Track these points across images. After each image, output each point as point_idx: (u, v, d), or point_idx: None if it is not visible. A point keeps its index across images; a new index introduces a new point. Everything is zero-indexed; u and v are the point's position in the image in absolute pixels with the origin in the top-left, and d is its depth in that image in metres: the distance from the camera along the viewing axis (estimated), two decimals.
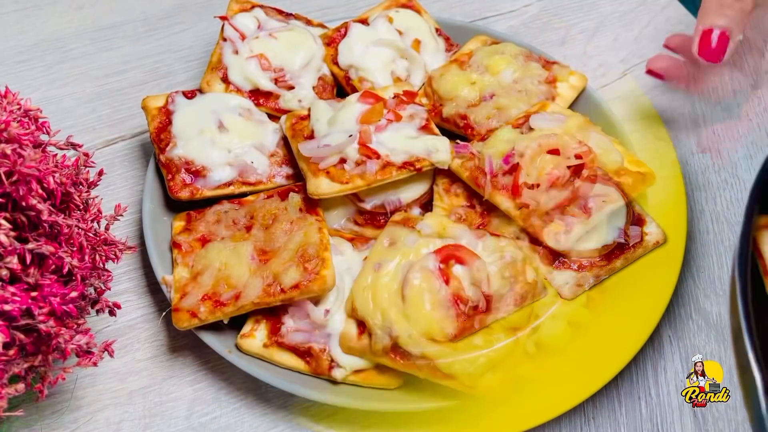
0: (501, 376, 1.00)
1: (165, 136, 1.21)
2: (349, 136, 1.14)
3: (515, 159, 1.11)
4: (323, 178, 1.13)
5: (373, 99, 1.19)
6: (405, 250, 1.07)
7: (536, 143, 1.10)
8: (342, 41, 1.34)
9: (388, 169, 1.13)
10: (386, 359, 1.02)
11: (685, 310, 1.17)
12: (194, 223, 1.16)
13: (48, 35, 1.49)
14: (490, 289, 1.02)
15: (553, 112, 1.20)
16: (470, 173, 1.14)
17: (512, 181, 1.10)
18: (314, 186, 1.12)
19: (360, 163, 1.13)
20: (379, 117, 1.17)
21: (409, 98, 1.23)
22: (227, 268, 1.09)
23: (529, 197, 1.09)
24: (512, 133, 1.16)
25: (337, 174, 1.13)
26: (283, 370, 1.07)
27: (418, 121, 1.19)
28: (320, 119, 1.19)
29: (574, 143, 1.11)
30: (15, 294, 0.85)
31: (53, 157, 0.93)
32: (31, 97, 0.96)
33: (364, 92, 1.22)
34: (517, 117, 1.21)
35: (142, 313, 1.18)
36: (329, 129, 1.17)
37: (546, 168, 1.09)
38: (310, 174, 1.14)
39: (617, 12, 1.55)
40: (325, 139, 1.16)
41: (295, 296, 1.05)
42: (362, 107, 1.18)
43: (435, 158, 1.15)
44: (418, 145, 1.15)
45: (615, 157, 1.14)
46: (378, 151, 1.13)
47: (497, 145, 1.14)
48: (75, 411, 1.09)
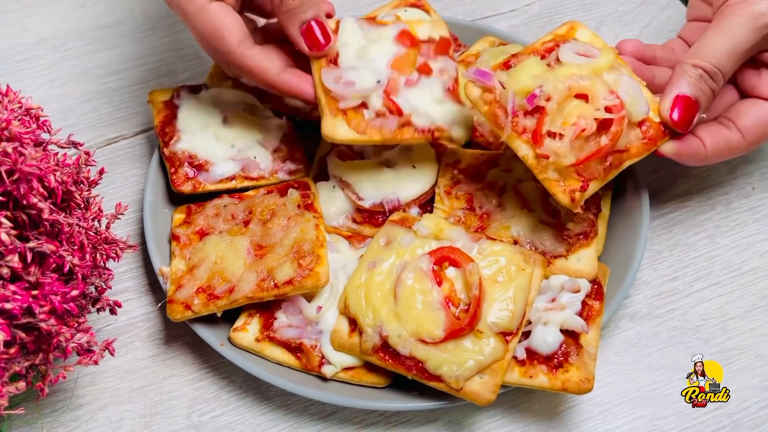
0: (489, 380, 1.00)
1: (170, 129, 1.22)
2: (377, 81, 1.09)
3: (540, 101, 1.02)
4: (341, 121, 1.09)
5: (410, 42, 1.14)
6: (400, 250, 1.07)
7: (565, 85, 1.01)
8: None
9: (407, 129, 1.10)
10: (375, 358, 1.03)
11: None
12: (194, 216, 1.17)
13: (49, 34, 1.49)
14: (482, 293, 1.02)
15: (585, 41, 1.11)
16: (489, 108, 1.05)
17: (534, 126, 1.02)
18: (331, 128, 1.09)
19: (381, 114, 1.09)
20: (412, 67, 1.11)
21: (443, 49, 1.17)
22: (223, 262, 1.10)
23: (550, 148, 1.01)
24: (539, 66, 1.05)
25: (356, 120, 1.09)
26: (275, 364, 1.07)
27: (446, 79, 1.14)
28: (349, 44, 1.13)
29: (605, 92, 1.02)
30: (16, 292, 0.85)
31: (54, 156, 0.93)
32: (32, 96, 0.96)
33: (401, 32, 1.15)
34: (544, 42, 1.10)
35: (142, 311, 1.18)
36: (357, 61, 1.12)
37: (572, 116, 1.01)
38: (327, 111, 1.09)
39: (618, 11, 1.55)
40: (351, 73, 1.10)
41: (288, 292, 1.06)
42: (397, 49, 1.13)
43: (454, 132, 1.12)
44: (441, 112, 1.11)
45: (641, 107, 1.05)
46: (402, 108, 1.09)
47: (522, 79, 1.04)
48: (75, 409, 1.10)
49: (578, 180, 1.02)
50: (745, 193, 1.30)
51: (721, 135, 1.10)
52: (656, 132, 1.07)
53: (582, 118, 1.01)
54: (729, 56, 1.05)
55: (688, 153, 1.08)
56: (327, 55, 1.12)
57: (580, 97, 1.02)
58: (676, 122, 1.05)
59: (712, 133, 1.10)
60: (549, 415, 1.10)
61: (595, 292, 1.09)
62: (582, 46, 1.08)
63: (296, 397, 1.11)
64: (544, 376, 1.03)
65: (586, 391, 1.02)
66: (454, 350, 1.00)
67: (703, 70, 1.05)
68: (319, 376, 1.07)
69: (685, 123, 1.05)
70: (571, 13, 1.54)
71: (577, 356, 1.04)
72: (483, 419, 1.10)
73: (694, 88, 1.05)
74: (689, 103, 1.04)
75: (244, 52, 1.08)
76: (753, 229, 1.27)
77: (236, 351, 1.07)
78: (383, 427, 1.09)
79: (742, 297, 1.20)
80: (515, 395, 1.11)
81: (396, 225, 1.11)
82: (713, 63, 1.05)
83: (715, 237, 1.26)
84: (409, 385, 1.05)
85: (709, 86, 1.05)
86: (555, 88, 1.02)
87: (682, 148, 1.08)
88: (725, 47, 1.05)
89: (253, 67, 1.09)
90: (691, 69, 1.05)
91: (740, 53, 1.06)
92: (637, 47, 1.16)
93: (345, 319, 1.06)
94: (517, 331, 1.03)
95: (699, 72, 1.05)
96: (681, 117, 1.04)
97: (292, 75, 1.11)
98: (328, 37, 1.10)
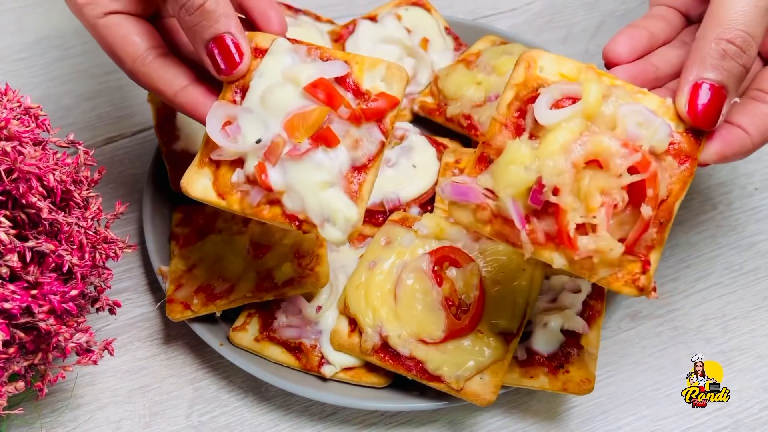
0: (490, 380, 1.00)
1: (169, 128, 1.22)
2: (257, 141, 0.86)
3: (547, 195, 0.79)
4: (206, 174, 0.90)
5: (325, 97, 0.87)
6: (400, 250, 1.06)
7: (567, 163, 0.79)
8: (349, 38, 1.34)
9: (273, 208, 0.88)
10: (375, 358, 1.02)
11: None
12: (193, 216, 1.17)
13: (48, 33, 1.48)
14: (482, 293, 1.02)
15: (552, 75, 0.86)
16: (492, 228, 0.83)
17: (556, 228, 0.80)
18: (189, 179, 0.90)
19: (251, 180, 0.87)
20: (309, 130, 0.86)
21: (374, 114, 0.88)
22: (222, 262, 1.09)
23: (588, 248, 0.80)
24: (521, 148, 0.81)
25: (222, 177, 0.89)
26: (274, 364, 1.07)
27: (358, 155, 0.87)
28: (264, 76, 0.89)
29: (617, 146, 0.79)
30: (15, 292, 0.85)
31: (53, 155, 0.93)
32: (31, 95, 0.96)
33: (317, 82, 0.86)
34: (509, 104, 0.86)
35: (142, 311, 1.18)
36: (258, 105, 0.88)
37: (594, 198, 0.79)
38: (197, 157, 0.91)
39: (619, 10, 1.55)
40: (244, 118, 0.88)
41: (287, 292, 1.05)
42: (301, 103, 0.87)
43: (325, 231, 0.86)
44: (321, 202, 0.86)
45: (662, 132, 0.81)
46: (272, 184, 0.86)
47: (512, 179, 0.80)
48: (75, 409, 1.09)
49: (635, 260, 0.82)
50: (746, 193, 1.30)
51: (762, 113, 0.88)
52: (688, 143, 0.84)
53: (607, 194, 0.79)
54: (756, 16, 0.82)
55: (733, 150, 0.86)
56: (236, 80, 0.90)
57: (591, 163, 0.80)
58: (698, 119, 0.82)
59: (751, 113, 0.88)
60: (550, 415, 1.10)
61: (595, 292, 1.09)
62: (556, 90, 0.83)
63: (296, 398, 1.10)
64: (545, 376, 1.02)
65: (587, 391, 1.02)
66: (454, 350, 1.00)
67: (728, 42, 0.82)
68: (319, 377, 1.06)
69: (711, 119, 0.82)
70: (572, 12, 1.54)
71: (578, 357, 1.04)
72: (483, 420, 1.09)
73: (718, 71, 0.82)
74: (713, 91, 0.82)
75: (139, 69, 0.93)
76: (755, 229, 1.26)
77: (236, 351, 1.07)
78: (383, 428, 1.09)
79: (744, 297, 1.20)
80: (516, 396, 1.11)
81: (396, 224, 1.11)
82: (741, 28, 0.82)
83: (717, 237, 1.26)
84: (409, 386, 1.05)
85: (739, 63, 0.82)
86: (558, 175, 0.79)
87: (726, 146, 0.86)
88: (747, 7, 0.82)
89: (148, 85, 0.94)
90: (712, 45, 0.82)
91: (764, 10, 0.83)
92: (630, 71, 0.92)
93: (345, 319, 1.06)
94: (517, 331, 1.02)
95: (723, 47, 0.82)
96: (704, 111, 0.82)
97: (192, 95, 0.92)
98: (237, 57, 0.88)
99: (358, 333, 1.03)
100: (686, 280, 1.21)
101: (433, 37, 1.36)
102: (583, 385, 1.01)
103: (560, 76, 0.86)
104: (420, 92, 1.32)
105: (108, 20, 0.94)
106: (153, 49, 0.94)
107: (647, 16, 1.00)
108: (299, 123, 0.86)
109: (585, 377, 1.02)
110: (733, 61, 0.82)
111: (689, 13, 1.01)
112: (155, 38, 0.96)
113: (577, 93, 0.83)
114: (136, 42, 0.94)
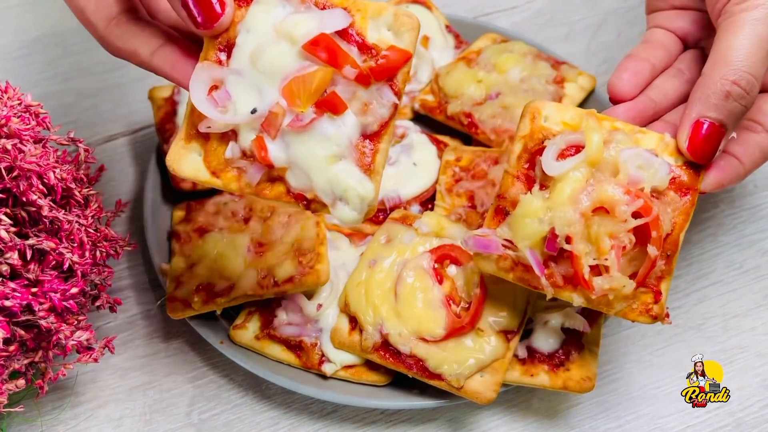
0: (490, 379, 1.00)
1: (170, 126, 1.22)
2: (252, 111, 0.76)
3: (561, 243, 0.87)
4: (195, 149, 0.80)
5: (327, 55, 0.75)
6: (401, 248, 1.06)
7: (575, 214, 0.87)
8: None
9: (276, 186, 0.79)
10: (376, 356, 1.03)
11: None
12: (194, 214, 1.17)
13: (49, 30, 1.48)
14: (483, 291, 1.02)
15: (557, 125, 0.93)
16: (515, 275, 0.92)
17: (572, 272, 0.89)
18: (176, 156, 0.80)
19: (248, 155, 0.78)
20: (312, 97, 0.75)
21: (385, 73, 0.77)
22: (223, 260, 1.09)
23: (603, 288, 0.88)
24: (533, 202, 0.89)
25: (214, 152, 0.79)
26: (275, 362, 1.07)
27: (369, 119, 0.78)
28: (252, 31, 0.77)
29: (620, 194, 0.87)
30: (15, 290, 0.85)
31: (54, 153, 0.93)
32: (32, 93, 0.96)
33: (318, 38, 0.75)
34: (519, 156, 0.93)
35: (142, 309, 1.18)
36: (248, 66, 0.76)
37: (604, 242, 0.87)
38: (183, 130, 0.80)
39: (621, 8, 1.54)
40: (233, 81, 0.77)
41: (288, 289, 1.05)
42: (299, 64, 0.75)
43: (337, 211, 0.79)
44: (329, 177, 0.77)
45: (662, 172, 0.89)
46: (273, 160, 0.77)
47: (526, 228, 0.88)
48: (75, 407, 1.09)
49: (647, 292, 0.91)
50: (748, 192, 1.30)
51: (754, 143, 0.94)
52: (688, 176, 0.91)
53: (615, 238, 0.87)
54: (760, 59, 0.87)
55: (729, 179, 0.93)
56: (219, 35, 0.78)
57: (598, 210, 0.88)
58: (697, 155, 0.89)
59: (744, 143, 0.94)
60: (550, 413, 1.10)
61: None
62: (561, 141, 0.90)
63: (296, 395, 1.10)
64: (545, 374, 1.03)
65: (587, 389, 1.02)
66: (454, 349, 1.00)
67: (733, 84, 0.86)
68: (319, 374, 1.06)
69: (709, 154, 0.89)
70: (574, 9, 1.53)
71: (579, 355, 1.04)
72: (484, 418, 1.09)
73: (719, 111, 0.87)
74: (712, 129, 0.88)
75: (112, 31, 0.85)
76: (756, 227, 1.26)
77: (236, 349, 1.07)
78: (383, 426, 1.09)
79: (745, 295, 1.20)
80: (516, 394, 1.11)
81: (397, 222, 1.11)
82: (747, 70, 0.86)
83: (718, 235, 1.25)
84: (409, 384, 1.05)
85: (742, 104, 0.87)
86: (569, 225, 0.87)
87: (723, 176, 0.92)
88: (751, 48, 0.86)
89: (121, 49, 0.86)
90: (717, 84, 0.86)
91: (766, 50, 0.87)
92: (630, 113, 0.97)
93: (345, 317, 1.06)
94: (518, 329, 1.02)
95: (727, 88, 0.86)
96: (703, 148, 0.88)
97: (170, 53, 0.83)
98: (218, 7, 0.77)
99: (359, 331, 1.03)
100: (687, 279, 1.21)
101: (433, 34, 1.35)
102: (584, 384, 1.01)
103: (563, 124, 0.93)
104: (421, 90, 1.32)
105: None
106: (127, 12, 0.86)
107: (646, 43, 1.04)
108: (299, 88, 0.75)
109: (586, 375, 1.02)
110: (736, 102, 0.87)
111: (687, 38, 1.04)
112: (129, 1, 0.87)
113: (580, 141, 0.89)
114: (109, 3, 0.85)
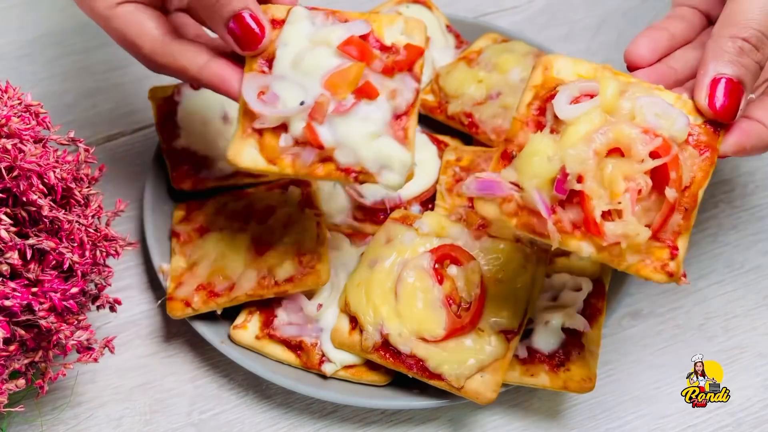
0: (490, 379, 1.00)
1: (170, 126, 1.22)
2: (301, 103, 0.89)
3: (572, 184, 0.81)
4: (252, 143, 0.91)
5: (358, 53, 0.91)
6: (401, 248, 1.06)
7: (589, 152, 0.80)
8: None
9: (326, 165, 0.91)
10: (376, 356, 1.02)
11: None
12: (194, 214, 1.17)
13: (49, 30, 1.48)
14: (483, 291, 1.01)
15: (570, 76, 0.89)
16: (519, 219, 0.84)
17: (582, 216, 0.82)
18: (236, 151, 0.91)
19: (300, 142, 0.90)
20: (349, 88, 0.89)
21: (406, 63, 0.94)
22: (223, 259, 1.09)
23: (615, 234, 0.80)
24: (546, 142, 0.83)
25: (268, 143, 0.91)
26: (275, 362, 1.07)
27: (398, 103, 0.93)
28: (290, 44, 0.92)
29: (638, 133, 0.81)
30: (15, 290, 0.85)
31: (54, 153, 0.93)
32: (32, 92, 0.96)
33: (349, 39, 0.91)
34: (529, 104, 0.89)
35: (142, 309, 1.18)
36: (290, 70, 0.91)
37: (618, 184, 0.80)
38: (240, 129, 0.92)
39: (621, 8, 1.54)
40: (279, 85, 0.90)
41: (288, 289, 1.05)
42: (337, 62, 0.90)
43: (383, 178, 0.90)
44: (373, 151, 0.90)
45: (680, 122, 0.83)
46: (323, 141, 0.89)
47: (534, 166, 0.82)
48: (75, 407, 1.09)
49: (663, 247, 0.83)
50: (748, 191, 1.30)
51: None
52: (707, 134, 0.85)
53: (630, 180, 0.81)
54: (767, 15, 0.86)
55: (752, 143, 0.88)
56: (260, 54, 0.93)
57: (612, 152, 0.82)
58: (718, 112, 0.85)
59: (766, 107, 0.90)
60: (550, 413, 1.10)
61: (597, 290, 1.08)
62: (574, 87, 0.86)
63: (296, 395, 1.10)
64: (546, 374, 1.02)
65: (588, 390, 1.02)
66: (455, 349, 1.00)
67: (743, 41, 0.85)
68: (320, 374, 1.06)
69: (731, 111, 0.85)
70: (575, 10, 1.53)
71: (579, 355, 1.04)
72: (484, 418, 1.09)
73: (735, 66, 0.85)
74: (731, 85, 0.85)
75: (158, 51, 0.95)
76: (756, 228, 1.26)
77: (236, 349, 1.07)
78: (384, 426, 1.09)
79: (745, 295, 1.20)
80: (516, 394, 1.11)
81: (397, 223, 1.11)
82: (756, 28, 0.85)
83: (718, 235, 1.25)
84: (409, 384, 1.05)
85: (754, 59, 0.86)
86: (581, 163, 0.80)
87: (745, 138, 0.87)
88: (762, 9, 0.86)
89: (171, 67, 0.95)
90: (729, 42, 0.86)
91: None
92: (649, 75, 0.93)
93: (345, 317, 1.06)
94: (518, 329, 1.02)
95: (738, 44, 0.85)
96: (724, 104, 0.85)
97: (217, 67, 0.93)
98: (258, 31, 0.90)
99: (359, 331, 1.03)
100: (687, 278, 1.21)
101: (434, 34, 1.35)
102: (584, 384, 1.01)
103: (577, 76, 0.89)
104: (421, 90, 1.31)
105: (121, 9, 0.96)
106: (169, 34, 0.96)
107: (669, 17, 1.01)
108: (340, 80, 0.89)
109: (586, 375, 1.02)
110: (749, 57, 0.86)
111: (711, 13, 1.02)
112: (168, 24, 0.98)
113: (595, 89, 0.85)
114: (151, 27, 0.96)
